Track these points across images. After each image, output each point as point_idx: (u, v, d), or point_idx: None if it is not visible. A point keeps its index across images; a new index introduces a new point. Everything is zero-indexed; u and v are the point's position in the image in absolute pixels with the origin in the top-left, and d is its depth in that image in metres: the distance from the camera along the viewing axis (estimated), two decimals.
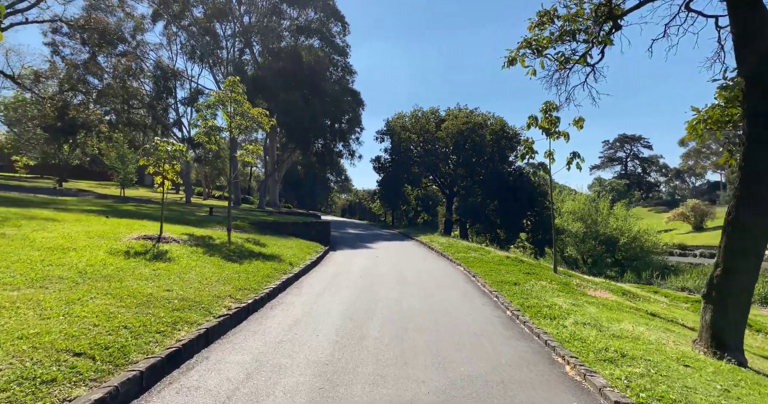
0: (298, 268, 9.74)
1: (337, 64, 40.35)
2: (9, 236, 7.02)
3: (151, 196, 37.08)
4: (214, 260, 8.04)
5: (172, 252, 7.89)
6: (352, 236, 22.57)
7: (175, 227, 11.57)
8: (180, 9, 38.45)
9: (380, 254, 15.51)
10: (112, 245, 7.49)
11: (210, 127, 13.08)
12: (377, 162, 40.87)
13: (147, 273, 6.13)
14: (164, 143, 9.10)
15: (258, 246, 10.95)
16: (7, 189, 21.21)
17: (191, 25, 39.03)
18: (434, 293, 8.84)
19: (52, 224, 8.99)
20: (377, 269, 11.48)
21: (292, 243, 13.17)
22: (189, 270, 6.87)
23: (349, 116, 39.79)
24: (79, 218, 10.88)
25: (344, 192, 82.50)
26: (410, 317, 6.68)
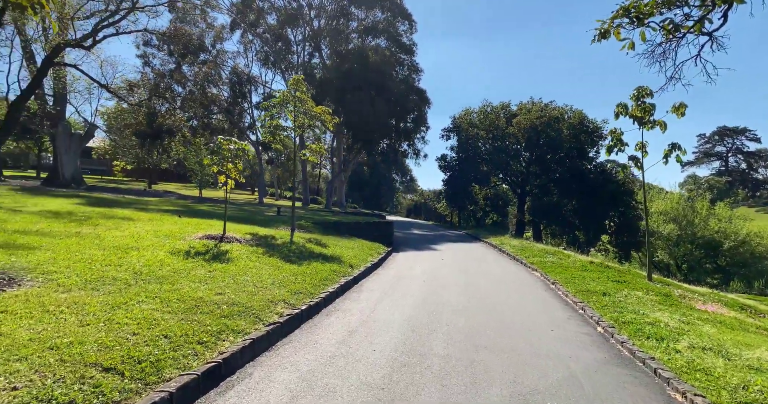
0: (358, 270, 9.27)
1: (403, 62, 39.95)
2: (83, 235, 7.26)
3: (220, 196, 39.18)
4: (272, 261, 7.78)
5: (232, 252, 7.76)
6: (416, 236, 21.90)
7: (241, 227, 11.66)
8: (255, 17, 40.42)
9: (446, 256, 14.68)
10: (174, 245, 7.50)
11: (275, 126, 13.12)
12: (443, 161, 39.77)
13: (202, 275, 5.94)
14: (227, 141, 9.08)
15: (319, 247, 10.67)
16: (103, 191, 23.26)
17: (265, 32, 40.85)
18: (508, 302, 7.90)
19: (126, 224, 9.33)
20: (442, 274, 10.71)
21: (354, 244, 12.80)
22: (245, 272, 6.62)
23: (414, 114, 39.22)
24: (154, 217, 11.32)
25: (409, 192, 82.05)
26: (481, 331, 5.87)
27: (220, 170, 9.24)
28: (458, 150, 38.72)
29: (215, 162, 9.03)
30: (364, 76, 34.09)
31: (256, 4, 40.73)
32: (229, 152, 9.09)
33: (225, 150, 9.02)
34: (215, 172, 9.24)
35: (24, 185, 17.70)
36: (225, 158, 9.18)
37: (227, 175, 9.36)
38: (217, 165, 9.06)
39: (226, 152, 9.05)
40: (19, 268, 4.77)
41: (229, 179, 9.46)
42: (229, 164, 9.24)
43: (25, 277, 4.50)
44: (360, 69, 34.97)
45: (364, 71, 34.42)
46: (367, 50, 37.34)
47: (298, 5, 40.33)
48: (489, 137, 36.83)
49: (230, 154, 9.13)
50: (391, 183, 72.27)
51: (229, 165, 9.24)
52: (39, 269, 4.82)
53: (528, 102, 36.44)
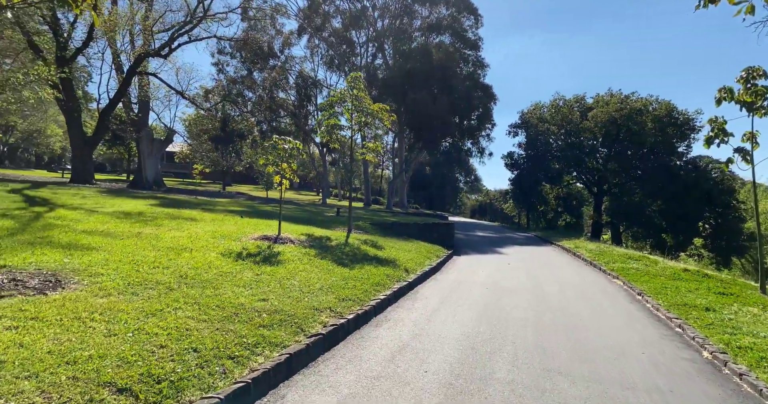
0: (414, 275, 8.68)
1: (468, 58, 38.77)
2: (143, 235, 7.40)
3: (293, 197, 40.38)
4: (323, 264, 7.45)
5: (284, 254, 7.54)
6: (480, 239, 20.81)
7: (298, 228, 11.57)
8: (321, 21, 41.48)
9: (512, 260, 13.61)
10: (228, 246, 7.42)
11: (332, 125, 12.94)
12: (509, 158, 37.87)
13: (248, 278, 5.70)
14: (281, 140, 8.93)
15: (374, 249, 10.24)
16: (180, 192, 24.78)
17: (330, 36, 41.77)
18: (586, 316, 6.89)
19: (189, 224, 9.53)
20: (508, 280, 9.79)
21: (411, 246, 12.22)
22: (293, 275, 6.32)
23: (479, 111, 37.85)
24: (217, 218, 11.56)
25: (474, 192, 79.66)
26: (554, 352, 5.04)
27: (275, 170, 9.14)
28: (526, 147, 36.64)
29: (270, 162, 8.92)
30: (426, 74, 33.39)
31: (322, 9, 41.70)
32: (284, 151, 8.94)
33: (280, 149, 8.89)
34: (270, 172, 9.15)
35: (111, 188, 19.24)
36: (280, 157, 9.05)
37: (282, 175, 9.24)
38: (272, 165, 8.95)
39: (281, 151, 8.91)
40: (70, 269, 4.80)
41: (284, 179, 9.34)
42: (284, 164, 9.10)
43: (72, 279, 4.49)
44: (422, 67, 34.32)
45: (426, 69, 33.72)
46: (431, 48, 36.64)
47: (362, 6, 40.64)
48: (561, 133, 34.40)
49: (285, 153, 8.98)
50: (455, 183, 70.61)
51: (284, 165, 9.10)
52: (88, 271, 4.82)
53: (606, 94, 33.50)
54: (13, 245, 5.59)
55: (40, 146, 57.52)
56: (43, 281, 4.14)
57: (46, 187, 15.08)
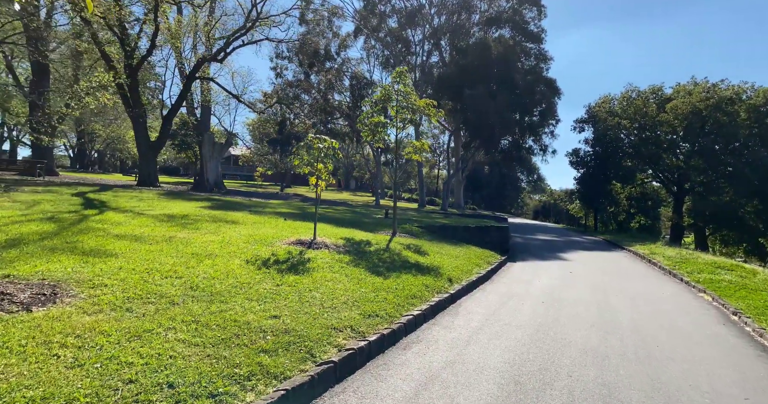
0: (458, 286, 7.82)
1: (530, 52, 36.89)
2: (174, 239, 7.24)
3: (347, 199, 40.50)
4: (355, 273, 6.84)
5: (314, 261, 7.03)
6: (540, 243, 19.23)
7: (339, 231, 11.11)
8: (377, 22, 41.52)
9: (576, 268, 12.20)
10: (257, 252, 7.04)
11: (374, 123, 12.36)
12: (575, 156, 35.21)
13: (265, 290, 5.22)
14: (317, 140, 8.46)
15: (416, 254, 9.48)
16: (238, 194, 25.53)
17: (386, 36, 41.66)
18: (664, 342, 5.70)
19: (227, 227, 9.37)
20: (568, 293, 8.60)
21: (460, 251, 11.29)
22: (318, 286, 5.76)
23: (541, 107, 35.81)
24: (261, 220, 11.40)
25: (536, 192, 75.75)
26: (621, 393, 4.03)
27: (311, 171, 8.69)
28: (594, 143, 33.86)
29: (305, 162, 8.49)
30: (484, 70, 31.95)
31: (378, 9, 41.65)
32: (319, 151, 8.46)
33: (315, 149, 8.42)
34: (306, 173, 8.73)
35: (173, 190, 20.12)
36: (315, 157, 8.59)
37: (318, 176, 8.77)
38: (306, 165, 8.51)
39: (316, 151, 8.45)
40: (74, 280, 4.57)
41: (320, 179, 8.87)
42: (319, 164, 8.62)
43: (71, 291, 4.23)
44: (480, 62, 32.92)
45: (484, 64, 32.29)
46: (489, 42, 35.14)
47: (418, 4, 40.00)
48: (634, 127, 31.37)
49: (320, 153, 8.50)
50: (516, 183, 67.57)
51: (320, 165, 8.63)
52: (92, 282, 4.56)
53: (688, 83, 30.00)
54: (35, 250, 5.56)
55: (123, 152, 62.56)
56: (36, 294, 3.89)
57: (111, 190, 15.93)
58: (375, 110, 12.64)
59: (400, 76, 12.48)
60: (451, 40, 40.38)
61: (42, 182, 15.69)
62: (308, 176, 8.76)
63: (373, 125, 12.34)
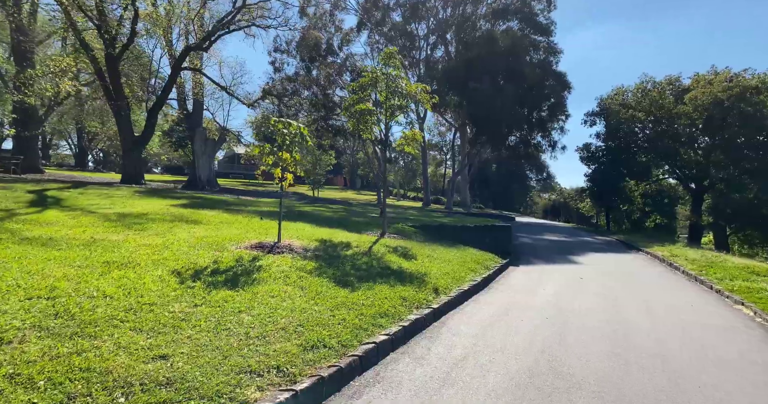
0: (445, 297, 6.50)
1: (539, 45, 35.48)
2: (99, 243, 6.04)
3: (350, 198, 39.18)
4: (314, 284, 5.57)
5: (267, 270, 5.78)
6: (548, 243, 17.76)
7: (318, 232, 9.87)
8: (381, 16, 40.35)
9: (587, 273, 10.79)
10: (196, 259, 5.81)
11: (360, 112, 11.08)
12: (585, 151, 33.53)
13: (170, 315, 3.96)
14: (281, 123, 7.19)
15: (402, 259, 8.18)
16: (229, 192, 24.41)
17: (390, 30, 40.46)
18: (698, 373, 4.34)
19: (182, 228, 8.19)
20: (578, 304, 7.23)
21: (454, 254, 9.96)
22: (255, 305, 4.51)
23: (550, 101, 34.43)
24: (230, 220, 10.22)
25: (546, 191, 73.66)
26: None
27: (275, 162, 7.44)
28: (606, 137, 32.17)
29: (266, 151, 7.22)
30: (491, 63, 30.57)
31: (381, 2, 40.51)
32: (284, 137, 7.20)
33: (279, 134, 7.16)
34: (270, 164, 7.47)
35: (156, 188, 19.03)
36: (282, 145, 7.32)
37: (284, 167, 7.52)
38: (269, 155, 7.25)
39: (279, 137, 7.18)
40: None
41: (286, 171, 7.62)
42: (285, 154, 7.36)
43: None
44: (487, 55, 31.53)
45: (491, 57, 30.91)
46: (496, 34, 33.77)
47: None
48: (649, 120, 29.61)
49: (285, 140, 7.24)
50: (524, 181, 65.81)
51: (285, 154, 7.37)
52: None
53: (709, 72, 28.15)
54: None
55: None
56: None
57: (85, 187, 14.88)
58: (361, 97, 11.37)
59: (390, 59, 11.19)
60: (456, 33, 39.02)
61: (9, 179, 14.68)
62: (271, 169, 7.51)
63: (357, 113, 11.06)
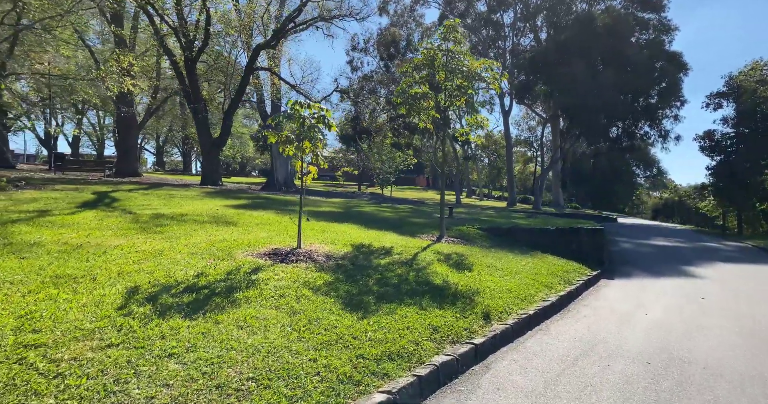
0: (498, 326, 4.83)
1: (647, 23, 31.08)
2: (86, 247, 5.40)
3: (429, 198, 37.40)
4: (314, 306, 4.32)
5: (265, 284, 4.69)
6: (655, 250, 14.51)
7: (359, 234, 8.67)
8: (465, 7, 38.65)
9: (711, 292, 8.12)
10: (178, 270, 4.89)
11: (411, 96, 9.63)
12: (708, 140, 28.15)
13: (48, 367, 2.91)
14: (298, 103, 6.04)
15: (452, 269, 6.58)
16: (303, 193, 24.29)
17: (474, 21, 38.59)
18: None
19: (212, 229, 7.54)
20: (700, 346, 5.03)
21: (526, 264, 8.03)
22: (206, 343, 3.37)
23: (661, 85, 29.76)
24: (274, 221, 9.50)
25: (656, 188, 64.60)
26: None
27: (295, 152, 6.32)
28: (738, 122, 26.60)
29: (283, 140, 6.13)
30: (586, 46, 27.22)
31: None
32: (302, 121, 6.03)
33: (297, 118, 6.01)
34: (290, 155, 6.38)
35: (229, 189, 19.42)
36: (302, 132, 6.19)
37: (303, 158, 6.38)
38: (286, 143, 6.14)
39: (297, 121, 6.03)
40: None
41: (308, 164, 6.47)
42: (306, 142, 6.22)
43: None
44: (581, 37, 28.12)
45: (587, 39, 27.51)
46: (594, 14, 30.09)
47: None
48: None
49: (304, 124, 6.08)
50: (629, 177, 58.24)
51: (306, 143, 6.22)
52: None
53: None
54: None
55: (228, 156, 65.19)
56: None
57: (159, 188, 15.43)
58: (416, 80, 9.90)
59: (450, 32, 9.57)
60: (547, 18, 35.66)
61: (94, 181, 15.74)
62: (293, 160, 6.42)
63: (410, 98, 9.63)
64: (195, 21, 18.41)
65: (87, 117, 49.07)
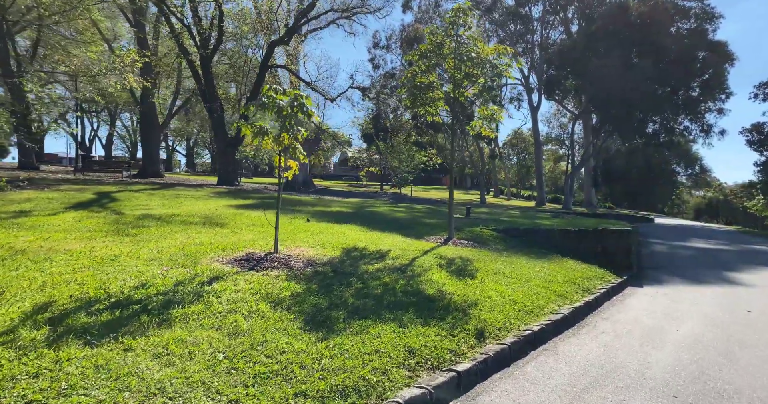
0: (493, 346, 4.07)
1: (687, 11, 29.07)
2: (26, 253, 4.97)
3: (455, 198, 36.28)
4: (267, 325, 3.72)
5: (217, 297, 4.13)
6: (693, 253, 13.12)
7: (358, 236, 8.06)
8: (492, 1, 37.60)
9: (757, 304, 7.00)
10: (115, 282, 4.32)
11: (416, 85, 8.91)
12: (756, 133, 25.97)
13: None
14: (273, 90, 5.45)
15: (451, 277, 5.84)
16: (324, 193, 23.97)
17: (501, 15, 37.47)
18: None
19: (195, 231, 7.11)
20: (741, 369, 4.11)
21: (540, 269, 7.15)
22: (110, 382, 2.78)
23: (704, 77, 27.79)
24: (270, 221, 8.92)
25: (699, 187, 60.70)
26: None
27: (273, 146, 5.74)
28: None
29: (256, 131, 5.55)
30: (620, 37, 25.74)
31: None
32: (278, 110, 5.43)
33: (270, 105, 5.40)
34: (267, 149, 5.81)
35: (246, 189, 19.20)
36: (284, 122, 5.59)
37: (281, 152, 5.78)
38: (259, 135, 5.56)
39: (271, 109, 5.43)
40: None
41: (290, 159, 5.87)
42: (284, 134, 5.63)
43: None
44: (615, 27, 26.52)
45: (620, 29, 25.94)
46: (628, 2, 28.43)
47: None
48: None
49: (285, 112, 5.48)
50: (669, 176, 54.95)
51: (284, 135, 5.63)
52: None
53: None
54: None
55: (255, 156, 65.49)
56: None
57: (171, 188, 15.32)
58: (423, 69, 9.17)
59: (459, 16, 8.78)
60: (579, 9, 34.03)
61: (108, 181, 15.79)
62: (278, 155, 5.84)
63: (414, 86, 8.91)
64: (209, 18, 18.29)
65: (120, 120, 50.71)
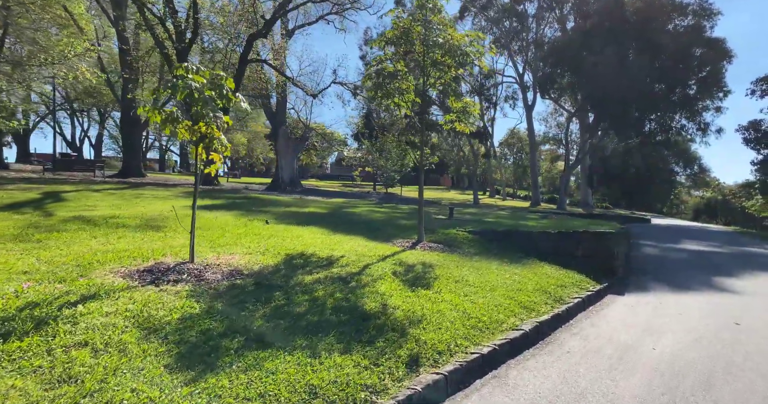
0: (428, 376, 3.36)
1: (685, 7, 28.58)
2: None
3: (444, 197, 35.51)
4: (115, 365, 3.03)
5: (70, 324, 3.39)
6: (685, 256, 12.28)
7: (314, 240, 7.34)
8: None
9: (749, 314, 6.24)
10: None
11: (378, 72, 8.17)
12: (753, 131, 25.25)
13: None
14: (182, 68, 4.70)
15: (403, 287, 5.11)
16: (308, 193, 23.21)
17: (496, 13, 36.92)
18: None
19: (120, 235, 6.35)
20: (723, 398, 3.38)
21: (510, 276, 6.40)
22: None
23: (701, 74, 27.24)
24: (224, 224, 8.28)
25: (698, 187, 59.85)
26: None
27: (190, 136, 4.98)
28: None
29: (167, 118, 4.79)
30: (615, 34, 25.13)
31: None
32: (191, 92, 4.65)
33: (182, 90, 4.63)
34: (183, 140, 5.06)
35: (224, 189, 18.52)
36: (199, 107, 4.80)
37: (197, 142, 5.00)
38: (169, 123, 4.81)
39: (180, 92, 4.64)
40: None
41: (211, 152, 5.11)
42: (201, 123, 4.87)
43: None
44: (610, 23, 25.89)
45: (616, 26, 25.34)
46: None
47: None
48: None
49: (196, 95, 4.69)
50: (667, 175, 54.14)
51: (201, 124, 4.88)
52: None
53: None
54: None
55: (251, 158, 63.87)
56: None
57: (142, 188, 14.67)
58: (388, 56, 8.44)
59: None
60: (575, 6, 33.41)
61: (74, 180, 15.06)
62: (190, 145, 5.08)
63: (377, 75, 8.18)
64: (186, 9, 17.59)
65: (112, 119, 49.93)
